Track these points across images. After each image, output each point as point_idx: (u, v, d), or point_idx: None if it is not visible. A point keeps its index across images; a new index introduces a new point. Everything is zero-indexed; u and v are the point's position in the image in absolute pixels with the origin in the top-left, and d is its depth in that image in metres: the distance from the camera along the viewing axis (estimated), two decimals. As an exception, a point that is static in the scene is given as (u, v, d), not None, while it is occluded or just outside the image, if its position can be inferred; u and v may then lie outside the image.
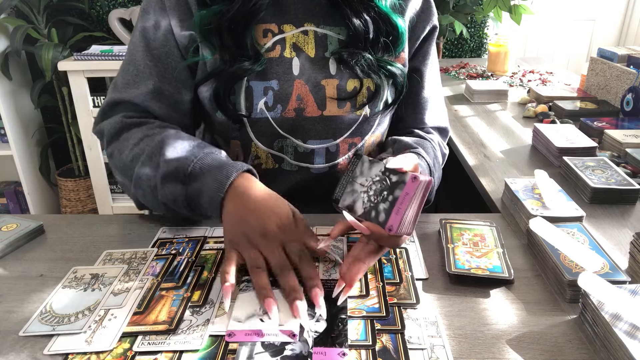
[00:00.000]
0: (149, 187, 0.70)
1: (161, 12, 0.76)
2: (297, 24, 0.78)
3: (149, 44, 0.77)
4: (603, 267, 0.61)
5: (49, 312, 0.58)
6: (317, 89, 0.78)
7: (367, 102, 0.80)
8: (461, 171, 1.09)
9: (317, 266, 0.64)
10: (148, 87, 0.78)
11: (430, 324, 0.55)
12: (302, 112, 0.78)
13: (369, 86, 0.80)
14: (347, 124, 0.81)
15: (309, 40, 0.78)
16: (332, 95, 0.79)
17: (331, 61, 0.79)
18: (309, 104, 0.78)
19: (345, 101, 0.79)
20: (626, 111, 1.24)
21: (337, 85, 0.79)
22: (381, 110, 0.82)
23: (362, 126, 0.82)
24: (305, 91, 0.78)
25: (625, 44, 2.71)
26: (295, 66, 0.78)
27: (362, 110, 0.80)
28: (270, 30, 0.77)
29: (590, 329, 0.54)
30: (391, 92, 0.82)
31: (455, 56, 2.48)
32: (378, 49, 0.79)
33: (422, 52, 0.87)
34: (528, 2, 2.13)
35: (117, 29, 2.25)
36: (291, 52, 0.78)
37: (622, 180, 0.86)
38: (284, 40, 0.77)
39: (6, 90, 2.17)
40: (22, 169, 2.28)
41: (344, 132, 0.81)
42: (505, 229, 0.77)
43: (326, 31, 0.79)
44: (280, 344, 0.52)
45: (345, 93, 0.79)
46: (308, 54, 0.78)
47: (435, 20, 0.87)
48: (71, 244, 0.73)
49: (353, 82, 0.79)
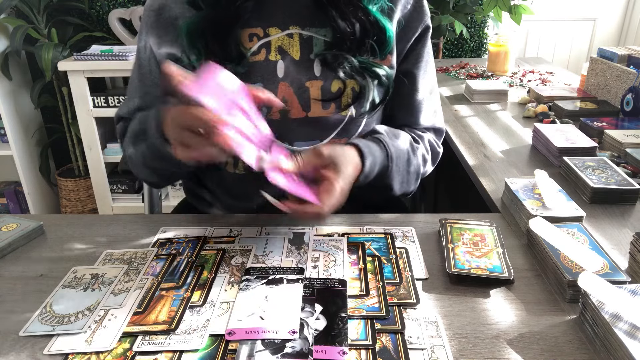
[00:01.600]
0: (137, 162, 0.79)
1: (145, 32, 0.83)
2: (282, 27, 0.79)
3: (140, 64, 0.85)
4: (603, 267, 0.61)
5: (49, 312, 0.58)
6: (301, 91, 0.79)
7: (351, 103, 0.80)
8: (461, 171, 1.09)
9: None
10: (135, 104, 0.85)
11: (430, 324, 0.55)
12: (287, 114, 0.79)
13: (353, 87, 0.79)
14: (333, 124, 0.81)
15: (294, 43, 0.79)
16: (317, 96, 0.79)
17: (316, 63, 0.79)
18: (294, 105, 0.79)
19: (329, 102, 0.79)
20: (626, 111, 1.24)
21: (321, 87, 0.79)
22: (367, 111, 0.81)
23: (348, 127, 0.82)
24: (289, 93, 0.78)
25: (625, 44, 2.71)
26: (280, 69, 0.78)
27: (348, 111, 0.80)
28: (256, 34, 0.79)
29: (590, 329, 0.54)
30: (379, 92, 0.82)
31: (455, 56, 2.48)
32: (364, 51, 0.79)
33: (415, 54, 0.86)
34: (528, 2, 2.13)
35: (117, 29, 2.25)
36: (276, 55, 0.79)
37: (622, 180, 0.86)
38: (269, 44, 0.79)
39: (6, 90, 2.17)
40: (22, 169, 2.28)
41: (330, 132, 0.81)
42: (505, 229, 0.77)
43: (312, 33, 0.79)
44: (280, 342, 0.52)
45: (329, 94, 0.79)
46: (293, 57, 0.79)
47: (427, 21, 0.85)
48: (71, 244, 0.73)
49: (337, 83, 0.79)
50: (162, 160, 0.73)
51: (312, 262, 0.66)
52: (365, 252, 0.68)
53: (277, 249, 0.70)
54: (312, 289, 0.60)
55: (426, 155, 0.88)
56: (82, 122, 2.19)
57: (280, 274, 0.63)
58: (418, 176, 0.86)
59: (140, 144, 0.76)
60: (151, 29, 0.81)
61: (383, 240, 0.72)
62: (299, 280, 0.62)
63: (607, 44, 2.72)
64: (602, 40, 2.72)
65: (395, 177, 0.80)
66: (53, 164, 2.54)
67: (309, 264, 0.66)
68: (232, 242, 0.72)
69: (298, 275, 0.63)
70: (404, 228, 0.76)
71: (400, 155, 0.80)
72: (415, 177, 0.85)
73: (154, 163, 0.77)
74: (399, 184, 0.82)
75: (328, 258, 0.67)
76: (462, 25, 2.07)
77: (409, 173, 0.83)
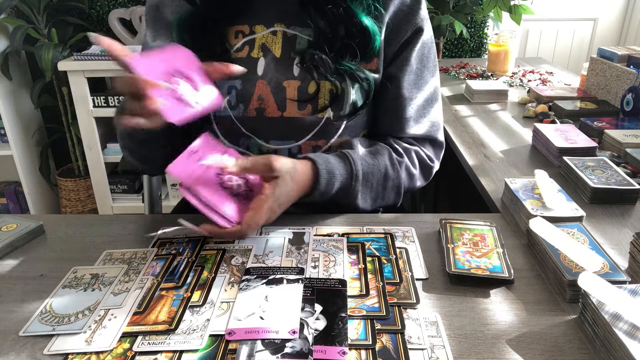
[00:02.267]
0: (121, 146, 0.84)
1: (145, 28, 0.86)
2: (267, 25, 0.79)
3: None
4: (603, 267, 0.61)
5: (49, 312, 0.58)
6: (278, 90, 0.78)
7: (328, 106, 0.79)
8: (461, 171, 1.09)
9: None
10: None
11: (430, 324, 0.55)
12: (263, 112, 0.79)
13: (331, 89, 0.78)
14: (309, 126, 0.80)
15: (277, 41, 0.79)
16: (292, 96, 0.78)
17: (296, 62, 0.79)
18: (269, 104, 0.79)
19: (305, 103, 0.79)
20: (626, 111, 1.24)
21: (298, 87, 0.78)
22: (347, 114, 0.80)
23: (325, 129, 0.80)
24: (266, 92, 0.79)
25: (625, 44, 2.71)
26: (260, 66, 0.79)
27: (324, 113, 0.79)
28: (242, 31, 0.79)
29: (590, 329, 0.54)
30: (361, 96, 0.80)
31: (455, 56, 2.48)
32: (345, 53, 0.77)
33: (401, 58, 0.82)
34: (528, 2, 2.13)
35: (117, 29, 2.25)
36: (259, 52, 0.79)
37: (622, 180, 0.86)
38: (253, 41, 0.79)
39: (6, 90, 2.17)
40: (22, 169, 2.28)
41: (306, 134, 0.81)
42: (505, 229, 0.77)
43: (296, 32, 0.79)
44: (280, 342, 0.52)
45: (305, 95, 0.78)
46: (275, 54, 0.79)
47: (420, 22, 0.82)
48: (71, 244, 0.73)
49: (315, 84, 0.78)
50: (130, 138, 0.79)
51: (312, 262, 0.66)
52: (365, 252, 0.68)
53: (277, 249, 0.70)
54: (312, 289, 0.60)
55: (412, 169, 0.84)
56: (82, 122, 2.19)
57: (280, 274, 0.63)
58: (400, 190, 0.83)
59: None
60: (149, 24, 0.84)
61: (383, 240, 0.72)
62: (299, 280, 0.62)
63: (607, 44, 2.72)
64: (602, 40, 2.72)
65: (364, 193, 0.79)
66: (53, 164, 2.54)
67: (309, 264, 0.66)
68: (232, 242, 0.72)
69: (298, 275, 0.63)
70: (404, 228, 0.76)
71: (373, 171, 0.78)
72: (395, 192, 0.82)
73: (127, 143, 0.81)
74: (370, 200, 0.80)
75: (328, 258, 0.67)
76: (462, 25, 2.07)
77: (385, 188, 0.81)
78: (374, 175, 0.79)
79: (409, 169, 0.83)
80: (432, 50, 0.86)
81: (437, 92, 0.88)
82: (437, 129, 0.88)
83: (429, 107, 0.86)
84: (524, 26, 2.63)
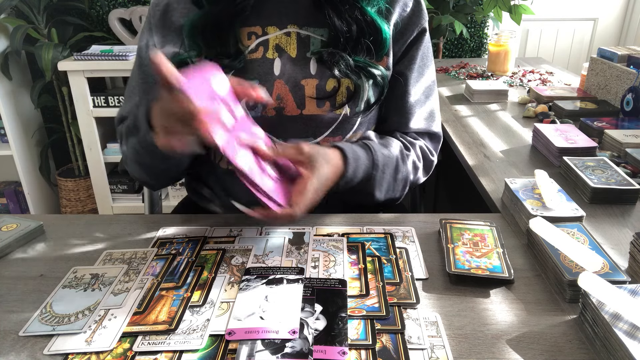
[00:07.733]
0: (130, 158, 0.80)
1: (149, 31, 0.84)
2: (280, 26, 0.80)
3: (141, 62, 0.84)
4: (603, 267, 0.61)
5: (49, 312, 0.58)
6: (297, 89, 0.79)
7: (346, 102, 0.80)
8: (461, 171, 1.09)
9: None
10: (135, 101, 0.85)
11: (430, 324, 0.55)
12: (282, 111, 0.80)
13: (348, 86, 0.80)
14: (327, 123, 0.81)
15: (291, 42, 0.80)
16: (311, 94, 0.79)
17: (312, 61, 0.80)
18: (288, 103, 0.79)
19: (324, 100, 0.80)
20: (626, 111, 1.24)
21: (316, 85, 0.79)
22: (362, 110, 0.82)
23: (342, 125, 0.82)
24: (285, 91, 0.79)
25: (625, 44, 2.71)
26: (277, 67, 0.79)
27: (342, 109, 0.81)
28: (254, 32, 0.80)
29: (590, 329, 0.54)
30: (375, 92, 0.82)
31: (455, 56, 2.48)
32: (360, 51, 0.79)
33: (409, 56, 0.86)
34: (528, 2, 2.13)
35: (117, 29, 2.25)
36: (274, 53, 0.80)
37: (622, 180, 0.86)
38: (267, 42, 0.80)
39: (6, 90, 2.17)
40: (22, 169, 2.28)
41: (324, 130, 0.82)
42: (505, 229, 0.77)
43: (309, 32, 0.80)
44: (280, 342, 0.52)
45: (324, 92, 0.80)
46: (290, 55, 0.80)
47: (424, 23, 0.86)
48: (71, 244, 0.73)
49: (333, 81, 0.80)
50: (151, 154, 0.74)
51: (312, 262, 0.66)
52: (365, 252, 0.68)
53: (277, 249, 0.70)
54: (312, 289, 0.60)
55: (417, 163, 0.87)
56: (82, 122, 2.19)
57: (280, 274, 0.63)
58: (406, 183, 0.85)
59: (132, 138, 0.77)
60: (156, 27, 0.83)
61: (383, 240, 0.72)
62: (299, 280, 0.62)
63: (607, 44, 2.72)
64: (602, 40, 2.72)
65: (380, 184, 0.80)
66: (53, 164, 2.54)
67: (309, 264, 0.66)
68: (232, 242, 0.72)
69: (298, 275, 0.63)
70: (404, 228, 0.76)
71: (388, 163, 0.80)
72: (402, 185, 0.84)
73: (144, 158, 0.77)
74: (384, 191, 0.81)
75: (328, 258, 0.67)
76: (462, 25, 2.07)
77: (396, 180, 0.82)
78: (389, 166, 0.80)
79: (415, 163, 0.86)
80: (430, 46, 0.90)
81: (435, 86, 0.92)
82: (436, 123, 0.92)
83: (430, 102, 0.90)
84: (524, 26, 2.63)
